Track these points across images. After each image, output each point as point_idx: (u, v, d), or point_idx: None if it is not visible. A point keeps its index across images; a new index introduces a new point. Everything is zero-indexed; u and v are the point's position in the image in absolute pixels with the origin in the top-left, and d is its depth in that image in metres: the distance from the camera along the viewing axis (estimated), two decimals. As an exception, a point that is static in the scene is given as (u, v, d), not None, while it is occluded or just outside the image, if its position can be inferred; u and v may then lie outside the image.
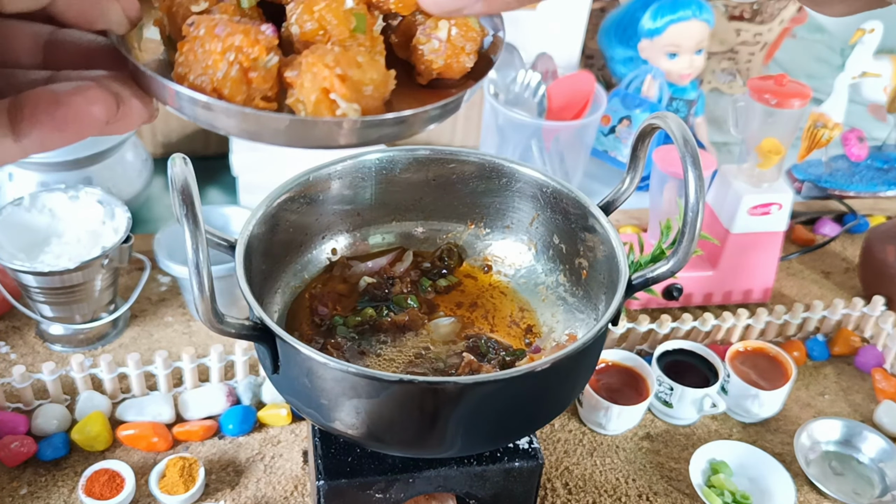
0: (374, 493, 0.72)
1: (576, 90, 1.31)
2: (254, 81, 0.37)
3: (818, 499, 0.93)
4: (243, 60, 0.37)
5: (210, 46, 0.37)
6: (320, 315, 0.75)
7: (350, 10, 0.40)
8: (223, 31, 0.37)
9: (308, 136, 0.38)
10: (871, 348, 1.11)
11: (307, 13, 0.39)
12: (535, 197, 0.79)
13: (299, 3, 0.40)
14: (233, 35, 0.37)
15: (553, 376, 0.64)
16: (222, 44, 0.37)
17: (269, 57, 0.37)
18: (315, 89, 0.37)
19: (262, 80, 0.37)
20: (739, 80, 1.70)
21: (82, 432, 0.91)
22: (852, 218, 1.38)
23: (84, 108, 0.35)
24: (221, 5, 0.41)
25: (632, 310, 1.15)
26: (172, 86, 0.36)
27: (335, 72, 0.37)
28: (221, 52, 0.36)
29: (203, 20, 0.38)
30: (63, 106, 0.35)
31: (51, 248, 0.98)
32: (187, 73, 0.37)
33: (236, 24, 0.37)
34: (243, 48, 0.37)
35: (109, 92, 0.36)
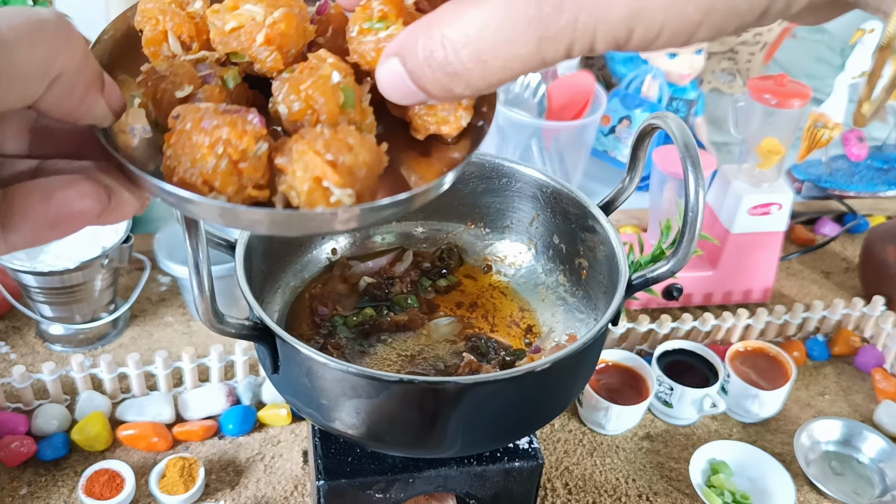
0: (374, 493, 0.72)
1: (576, 90, 1.31)
2: (244, 172, 0.36)
3: (818, 499, 0.93)
4: (232, 153, 0.36)
5: (197, 140, 0.36)
6: (320, 315, 0.75)
7: (337, 85, 0.39)
8: (209, 124, 0.36)
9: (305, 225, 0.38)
10: (871, 348, 1.11)
11: (294, 92, 0.39)
12: (535, 197, 0.79)
13: (285, 82, 0.39)
14: (220, 128, 0.36)
15: (553, 376, 0.64)
16: (209, 137, 0.36)
17: (258, 146, 0.36)
18: (307, 178, 0.36)
19: (253, 169, 0.36)
20: (739, 80, 1.70)
21: (82, 432, 0.91)
22: (852, 218, 1.38)
23: (75, 203, 0.35)
24: (206, 88, 0.40)
25: (632, 310, 1.15)
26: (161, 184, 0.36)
27: (326, 158, 0.36)
28: (209, 147, 0.36)
29: (189, 112, 0.37)
30: (54, 202, 0.34)
31: (51, 248, 0.98)
32: (176, 166, 0.36)
33: (223, 115, 0.36)
34: (231, 140, 0.36)
35: (100, 185, 0.35)
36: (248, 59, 0.41)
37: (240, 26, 0.40)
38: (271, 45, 0.40)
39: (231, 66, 0.41)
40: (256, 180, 0.37)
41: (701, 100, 1.44)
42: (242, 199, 0.37)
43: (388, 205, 0.37)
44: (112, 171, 0.37)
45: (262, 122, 0.37)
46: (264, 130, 0.37)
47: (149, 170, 0.37)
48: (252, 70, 0.41)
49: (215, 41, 0.40)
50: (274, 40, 0.40)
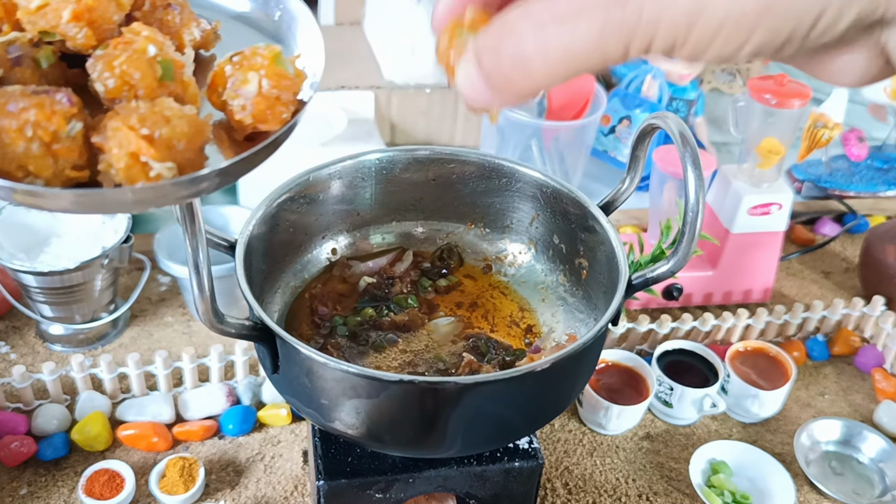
0: (374, 493, 0.72)
1: (576, 90, 1.31)
2: (59, 153, 0.35)
3: (818, 499, 0.92)
4: (43, 134, 0.35)
5: (4, 124, 0.35)
6: (320, 315, 0.75)
7: (153, 58, 0.38)
8: (16, 106, 0.35)
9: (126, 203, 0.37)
10: (871, 348, 1.11)
11: (108, 69, 0.38)
12: (535, 197, 0.79)
13: (99, 59, 0.38)
14: (27, 110, 0.35)
15: (553, 376, 0.64)
16: (17, 121, 0.35)
17: (70, 126, 0.35)
18: (124, 155, 0.36)
19: (68, 150, 0.36)
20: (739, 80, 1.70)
21: (82, 432, 0.91)
22: (852, 218, 1.38)
23: None
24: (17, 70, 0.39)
25: (632, 310, 1.15)
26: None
27: (142, 133, 0.35)
28: (18, 129, 0.35)
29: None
30: None
31: (51, 248, 0.98)
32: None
33: (30, 97, 0.35)
34: (41, 122, 0.35)
35: None
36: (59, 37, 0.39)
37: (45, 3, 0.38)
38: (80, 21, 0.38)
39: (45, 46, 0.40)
40: (73, 161, 0.36)
41: (701, 100, 1.44)
42: (62, 181, 0.36)
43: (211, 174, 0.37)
44: None
45: (73, 101, 0.36)
46: (75, 109, 0.36)
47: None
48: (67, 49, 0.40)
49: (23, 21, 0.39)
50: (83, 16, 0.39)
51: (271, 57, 0.40)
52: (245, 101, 0.40)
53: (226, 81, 0.41)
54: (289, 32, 0.46)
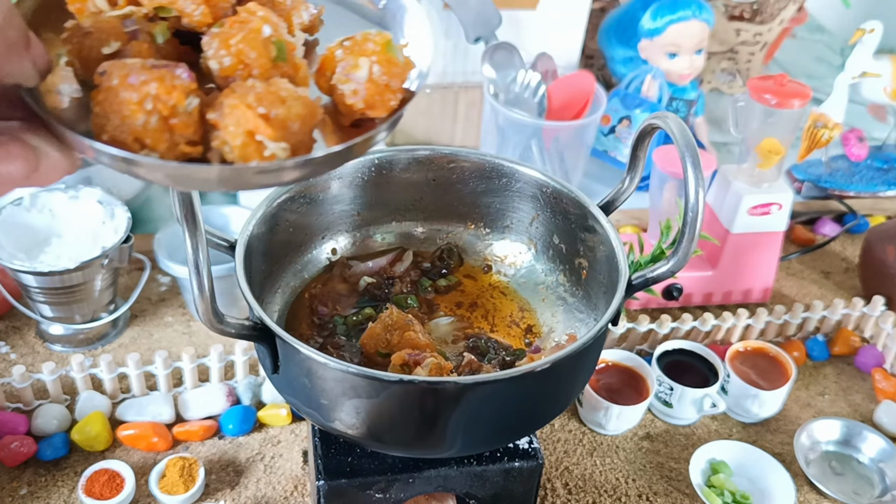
0: (374, 493, 0.72)
1: (576, 90, 1.31)
2: (175, 128, 0.36)
3: (818, 499, 0.92)
4: (162, 108, 0.35)
5: (125, 96, 0.35)
6: (320, 315, 0.75)
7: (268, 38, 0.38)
8: (137, 79, 0.35)
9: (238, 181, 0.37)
10: (871, 348, 1.11)
11: (224, 47, 0.38)
12: (535, 197, 0.79)
13: (215, 37, 0.38)
14: (148, 83, 0.35)
15: (553, 376, 0.64)
16: (138, 93, 0.35)
17: (188, 101, 0.36)
18: (240, 133, 0.36)
19: (184, 125, 0.36)
20: (739, 80, 1.70)
21: (82, 432, 0.91)
22: (852, 218, 1.38)
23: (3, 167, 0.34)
24: (133, 44, 0.39)
25: (632, 310, 1.15)
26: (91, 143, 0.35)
27: (258, 112, 0.36)
28: (138, 102, 0.35)
29: (115, 68, 0.36)
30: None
31: (51, 248, 0.98)
32: (105, 124, 0.36)
33: (151, 70, 0.36)
34: (160, 96, 0.35)
35: (28, 147, 0.35)
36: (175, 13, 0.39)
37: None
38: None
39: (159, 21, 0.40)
40: (189, 136, 0.36)
41: (701, 100, 1.44)
42: (175, 155, 0.36)
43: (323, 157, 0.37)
44: (40, 131, 0.36)
45: (192, 76, 0.36)
46: (194, 85, 0.36)
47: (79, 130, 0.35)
48: (181, 25, 0.40)
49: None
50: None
51: (383, 43, 0.40)
52: (357, 86, 0.40)
53: (335, 66, 0.41)
54: (394, 21, 0.46)
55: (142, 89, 0.35)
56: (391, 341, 0.68)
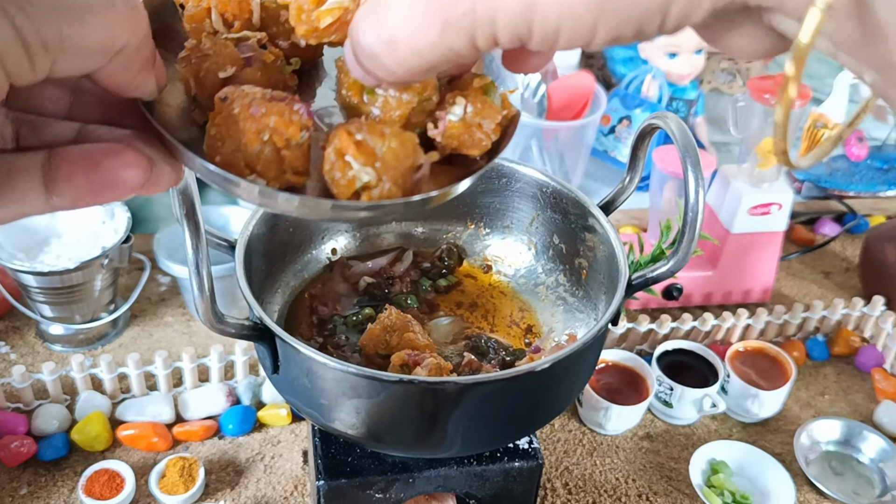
0: (374, 493, 0.72)
1: (576, 90, 1.31)
2: (286, 159, 0.37)
3: (818, 499, 0.92)
4: (277, 140, 0.37)
5: (245, 126, 0.37)
6: (320, 315, 0.75)
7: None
8: (258, 111, 0.37)
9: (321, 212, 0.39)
10: (871, 348, 1.11)
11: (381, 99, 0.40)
12: (535, 197, 0.79)
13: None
14: (268, 116, 0.37)
15: (553, 376, 0.64)
16: (257, 124, 0.37)
17: (301, 134, 0.37)
18: (332, 151, 0.38)
19: (294, 157, 0.38)
20: (739, 80, 1.70)
21: (82, 432, 0.91)
22: (852, 218, 1.38)
23: (121, 172, 0.35)
24: (248, 70, 0.41)
25: (632, 310, 1.15)
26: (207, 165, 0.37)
27: (355, 138, 0.38)
28: (256, 133, 0.37)
29: (238, 96, 0.38)
30: (101, 169, 0.35)
31: (51, 248, 0.98)
32: (220, 147, 0.37)
33: (270, 103, 0.37)
34: (279, 129, 0.37)
35: (144, 156, 0.36)
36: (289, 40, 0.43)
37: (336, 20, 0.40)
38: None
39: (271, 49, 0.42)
40: (296, 167, 0.38)
41: (701, 100, 1.44)
42: (281, 183, 0.38)
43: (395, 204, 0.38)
44: (153, 142, 0.38)
45: (309, 112, 0.38)
46: (310, 122, 0.38)
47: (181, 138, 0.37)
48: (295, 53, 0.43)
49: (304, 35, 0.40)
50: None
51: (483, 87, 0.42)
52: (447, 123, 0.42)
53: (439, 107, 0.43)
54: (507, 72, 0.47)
55: (262, 121, 0.37)
56: (390, 342, 0.68)
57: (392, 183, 0.38)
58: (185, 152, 0.37)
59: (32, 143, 0.37)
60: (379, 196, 0.38)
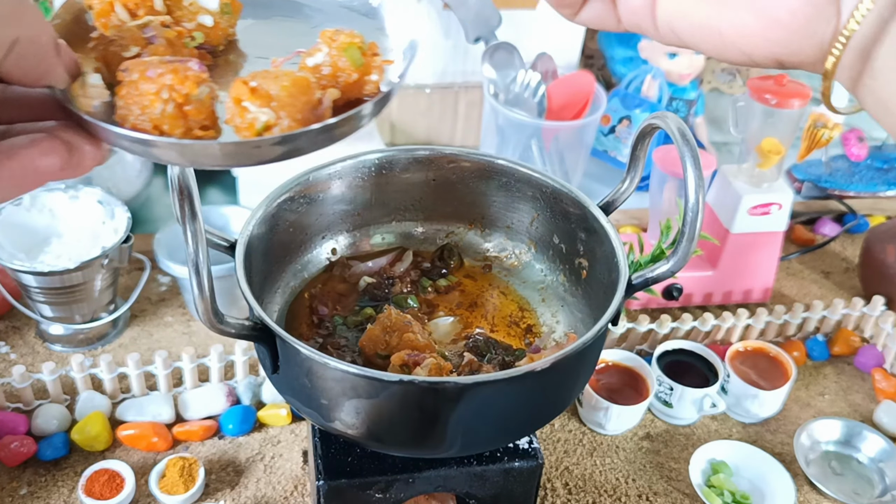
0: (374, 493, 0.72)
1: (576, 90, 1.31)
2: (190, 114, 0.40)
3: (818, 499, 0.93)
4: (177, 97, 0.40)
5: (144, 88, 0.40)
6: (320, 315, 0.75)
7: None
8: (154, 72, 0.40)
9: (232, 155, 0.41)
10: (871, 348, 1.11)
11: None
12: (535, 197, 0.79)
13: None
14: (164, 75, 0.40)
15: (553, 376, 0.64)
16: (155, 84, 0.40)
17: (200, 90, 0.40)
18: (230, 101, 0.41)
19: (197, 111, 0.40)
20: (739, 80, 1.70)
21: (82, 432, 0.91)
22: (852, 218, 1.38)
23: (38, 159, 0.38)
24: (151, 47, 0.44)
25: (632, 310, 1.15)
26: (113, 129, 0.39)
27: (249, 85, 0.41)
28: (156, 93, 0.40)
29: (135, 65, 0.41)
30: (17, 159, 0.37)
31: (51, 248, 0.98)
32: (127, 115, 0.40)
33: (166, 64, 0.40)
34: (175, 86, 0.40)
35: (61, 141, 0.39)
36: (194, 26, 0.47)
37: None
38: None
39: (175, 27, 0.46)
40: (201, 122, 0.41)
41: (701, 100, 1.44)
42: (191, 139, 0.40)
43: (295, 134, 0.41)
44: (73, 128, 0.40)
45: (202, 67, 0.41)
46: (204, 75, 0.41)
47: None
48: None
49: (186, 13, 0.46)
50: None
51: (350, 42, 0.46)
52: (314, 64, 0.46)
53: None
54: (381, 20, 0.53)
55: (158, 80, 0.40)
56: (390, 343, 0.68)
57: (291, 119, 0.41)
58: (96, 124, 0.39)
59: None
60: (280, 132, 0.41)
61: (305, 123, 0.41)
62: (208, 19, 0.47)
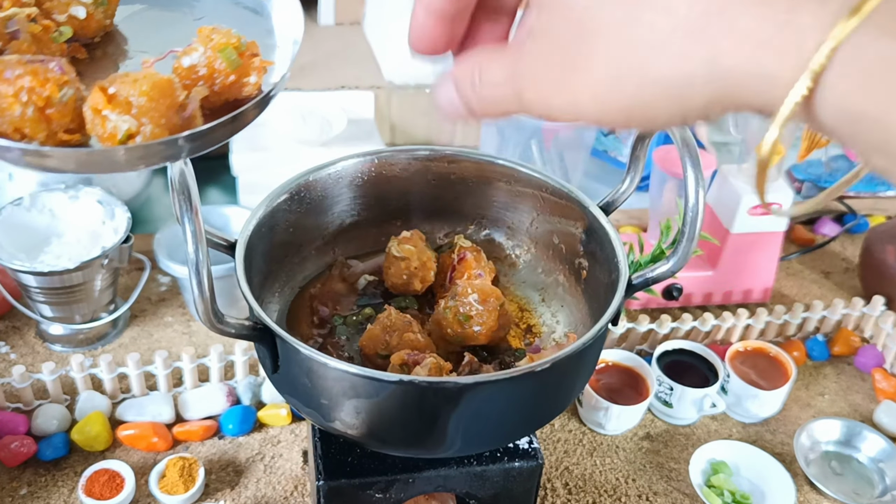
0: (374, 493, 0.72)
1: (576, 90, 1.31)
2: (52, 117, 0.38)
3: (818, 499, 0.92)
4: (37, 100, 0.38)
5: (1, 90, 0.38)
6: (320, 315, 0.75)
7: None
8: (12, 73, 0.38)
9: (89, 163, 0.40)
10: (871, 348, 1.11)
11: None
12: (535, 197, 0.79)
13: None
14: (22, 77, 0.38)
15: (553, 376, 0.64)
16: (13, 87, 0.38)
17: (62, 92, 0.38)
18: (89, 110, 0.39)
19: (60, 114, 0.39)
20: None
21: (82, 432, 0.90)
22: (852, 218, 1.38)
23: None
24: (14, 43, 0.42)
25: (632, 310, 1.15)
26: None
27: (108, 91, 0.39)
28: (14, 95, 0.37)
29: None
30: None
31: (51, 248, 0.98)
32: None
33: (26, 65, 0.38)
34: (35, 88, 0.38)
35: None
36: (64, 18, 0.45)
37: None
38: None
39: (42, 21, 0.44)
40: (66, 125, 0.39)
41: (701, 100, 1.44)
42: (56, 143, 0.39)
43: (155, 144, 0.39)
44: None
45: (64, 69, 0.39)
46: (66, 77, 0.39)
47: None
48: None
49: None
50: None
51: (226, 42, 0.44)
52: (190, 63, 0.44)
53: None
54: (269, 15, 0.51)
55: (16, 83, 0.38)
56: (390, 343, 0.68)
57: (154, 125, 0.39)
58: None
59: None
60: (143, 140, 0.39)
61: (171, 128, 0.40)
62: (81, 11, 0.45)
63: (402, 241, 0.75)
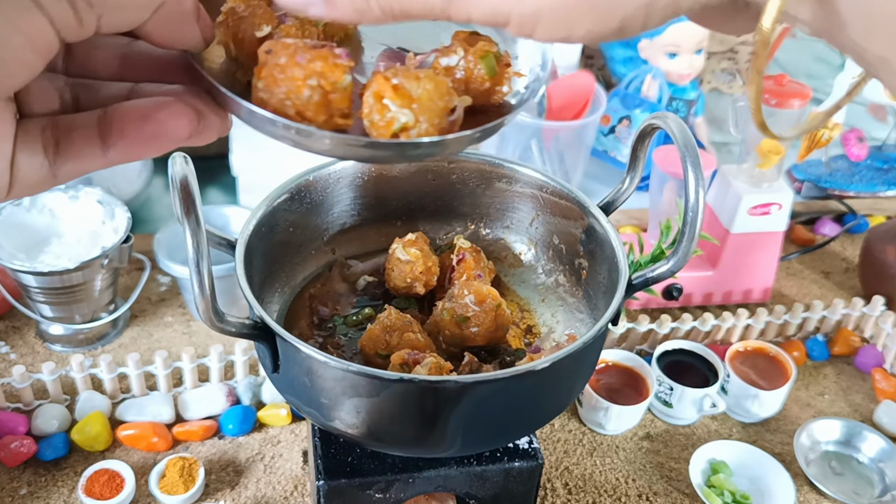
0: (374, 493, 0.72)
1: (576, 90, 1.31)
2: (333, 102, 0.40)
3: (818, 499, 0.93)
4: (325, 84, 0.39)
5: (292, 73, 0.39)
6: (320, 315, 0.75)
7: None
8: (304, 58, 0.39)
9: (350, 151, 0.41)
10: (871, 348, 1.11)
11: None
12: (535, 197, 0.79)
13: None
14: (313, 62, 0.39)
15: (553, 376, 0.64)
16: (304, 71, 0.39)
17: (345, 78, 0.40)
18: (370, 96, 0.40)
19: (340, 100, 0.40)
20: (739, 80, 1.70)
21: (82, 432, 0.91)
22: (852, 218, 1.38)
23: (169, 123, 0.38)
24: (283, 27, 0.43)
25: (632, 310, 1.15)
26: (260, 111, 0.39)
27: (391, 82, 0.40)
28: (303, 78, 0.39)
29: (281, 48, 0.40)
30: (150, 121, 0.37)
31: (51, 248, 0.98)
32: (269, 98, 0.39)
33: (313, 50, 0.40)
34: (325, 73, 0.39)
35: (191, 107, 0.39)
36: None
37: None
38: None
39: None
40: (342, 110, 0.40)
41: (701, 100, 1.44)
42: (330, 126, 0.40)
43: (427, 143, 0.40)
44: (201, 95, 0.40)
45: (350, 55, 0.40)
46: (352, 63, 0.40)
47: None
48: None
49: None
50: None
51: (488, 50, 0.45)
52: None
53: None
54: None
55: (308, 67, 0.39)
56: (390, 342, 0.68)
57: (429, 123, 0.40)
58: (234, 100, 0.39)
59: (90, 104, 0.40)
60: (417, 135, 0.40)
61: (440, 129, 0.41)
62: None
63: (408, 244, 0.74)
